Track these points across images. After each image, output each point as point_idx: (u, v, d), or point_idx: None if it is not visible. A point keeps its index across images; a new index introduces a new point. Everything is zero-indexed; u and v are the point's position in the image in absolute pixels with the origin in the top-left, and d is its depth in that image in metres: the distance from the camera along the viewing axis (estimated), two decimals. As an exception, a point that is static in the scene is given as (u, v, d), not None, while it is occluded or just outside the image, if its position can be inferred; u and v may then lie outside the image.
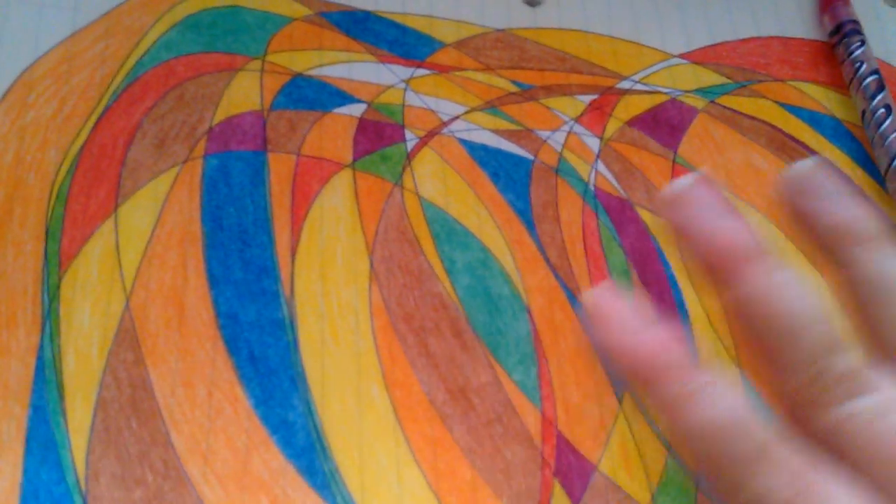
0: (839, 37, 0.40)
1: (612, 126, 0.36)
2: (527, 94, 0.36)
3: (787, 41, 0.40)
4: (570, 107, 0.36)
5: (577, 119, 0.36)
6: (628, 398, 0.30)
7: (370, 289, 0.31)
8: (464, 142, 0.35)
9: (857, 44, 0.39)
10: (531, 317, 0.31)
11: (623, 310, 0.20)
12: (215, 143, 0.33)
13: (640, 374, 0.20)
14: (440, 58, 0.37)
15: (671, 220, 0.22)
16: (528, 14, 0.39)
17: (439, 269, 0.32)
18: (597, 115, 0.36)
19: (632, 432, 0.29)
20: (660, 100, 0.37)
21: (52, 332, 0.28)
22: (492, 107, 0.36)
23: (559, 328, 0.31)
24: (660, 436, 0.29)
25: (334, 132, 0.34)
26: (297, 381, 0.29)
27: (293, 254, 0.31)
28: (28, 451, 0.26)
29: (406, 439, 0.28)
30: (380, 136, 0.34)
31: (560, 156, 0.35)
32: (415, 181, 0.33)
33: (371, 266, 0.31)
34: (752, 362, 0.21)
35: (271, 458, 0.27)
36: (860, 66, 0.38)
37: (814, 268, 0.31)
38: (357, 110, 0.35)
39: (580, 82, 0.37)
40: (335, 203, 0.32)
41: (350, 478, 0.27)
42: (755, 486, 0.19)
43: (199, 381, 0.28)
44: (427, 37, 0.37)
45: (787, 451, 0.19)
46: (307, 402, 0.28)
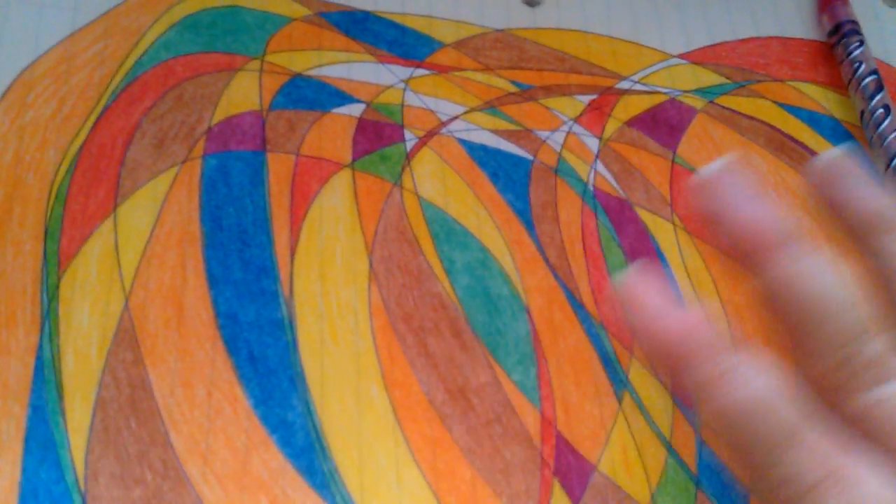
0: (838, 37, 0.40)
1: (612, 126, 0.36)
2: (526, 94, 0.36)
3: (786, 41, 0.40)
4: (569, 107, 0.36)
5: (577, 119, 0.36)
6: (628, 398, 0.30)
7: (369, 289, 0.31)
8: (463, 142, 0.35)
9: (855, 44, 0.39)
10: (530, 317, 0.31)
11: (655, 292, 0.21)
12: (214, 143, 0.33)
13: (673, 355, 0.20)
14: (439, 58, 0.37)
15: (701, 206, 0.22)
16: (527, 14, 0.39)
17: (438, 269, 0.32)
18: (596, 115, 0.36)
19: (631, 432, 0.29)
20: (659, 100, 0.37)
21: (51, 332, 0.28)
22: (491, 107, 0.36)
23: (558, 328, 0.31)
24: (659, 435, 0.29)
25: (333, 132, 0.34)
26: (296, 381, 0.29)
27: (292, 254, 0.31)
28: (27, 451, 0.26)
29: (405, 439, 0.28)
30: (379, 136, 0.34)
31: (559, 156, 0.35)
32: (414, 181, 0.33)
33: (370, 266, 0.31)
34: (779, 347, 0.21)
35: (271, 458, 0.27)
36: (859, 67, 0.38)
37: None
38: (356, 110, 0.35)
39: (579, 82, 0.37)
40: (334, 203, 0.32)
41: (349, 478, 0.27)
42: (784, 468, 0.19)
43: (199, 381, 0.28)
44: (426, 37, 0.37)
45: (817, 434, 0.19)
46: (306, 402, 0.28)
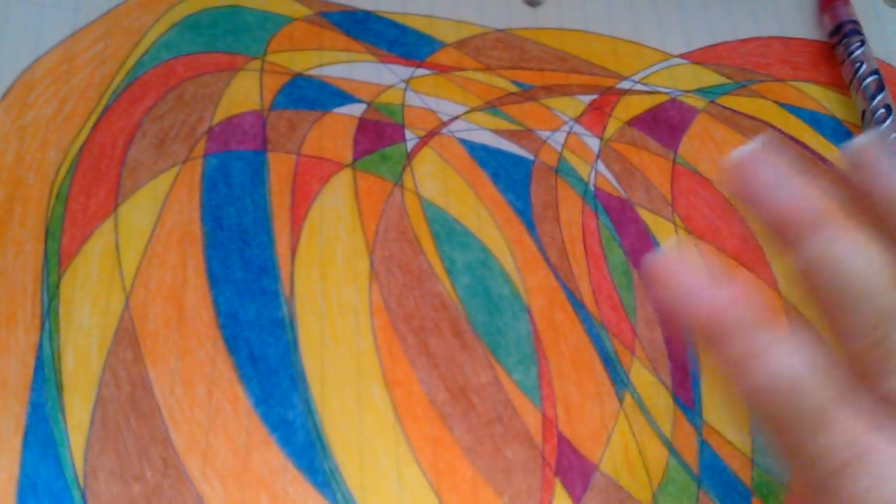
0: (839, 37, 0.39)
1: (612, 126, 0.36)
2: (527, 94, 0.36)
3: (787, 41, 0.40)
4: (570, 107, 0.36)
5: (577, 119, 0.36)
6: (629, 398, 0.30)
7: (370, 288, 0.31)
8: (464, 142, 0.35)
9: (856, 44, 0.39)
10: (531, 317, 0.31)
11: (689, 268, 0.21)
12: (215, 142, 0.33)
13: (707, 332, 0.20)
14: (440, 58, 0.37)
15: (736, 187, 0.22)
16: (528, 14, 0.39)
17: (439, 268, 0.32)
18: (597, 115, 0.36)
19: (633, 432, 0.29)
20: (660, 100, 0.37)
21: (51, 331, 0.28)
22: (492, 107, 0.36)
23: (559, 328, 0.31)
24: (660, 436, 0.29)
25: (334, 132, 0.34)
26: (296, 380, 0.29)
27: (293, 253, 0.31)
28: (26, 447, 0.26)
29: (406, 438, 0.28)
30: (380, 135, 0.34)
31: (560, 156, 0.35)
32: (415, 181, 0.33)
33: (371, 266, 0.31)
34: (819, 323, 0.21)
35: (271, 457, 0.27)
36: (860, 67, 0.38)
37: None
38: (357, 110, 0.35)
39: (580, 82, 0.37)
40: (335, 203, 0.32)
41: (350, 476, 0.27)
42: (815, 446, 0.19)
43: (199, 380, 0.28)
44: (427, 37, 0.37)
45: (849, 413, 0.19)
46: (307, 401, 0.28)
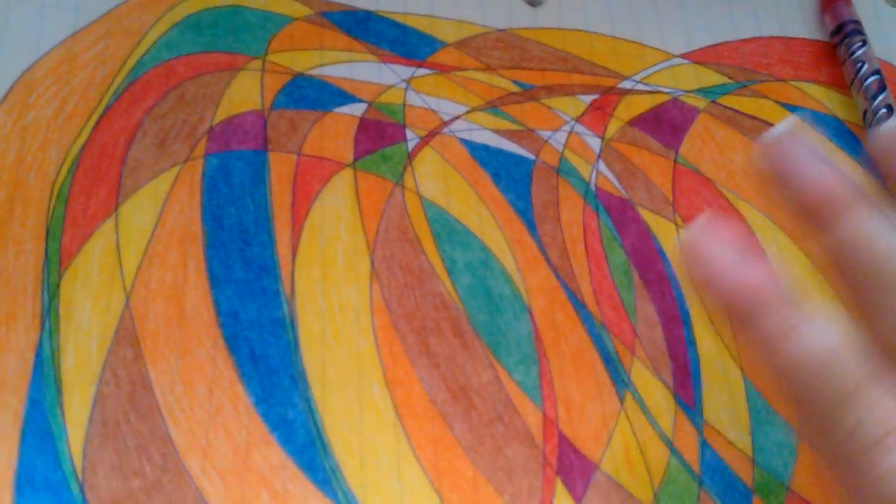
0: (840, 37, 0.39)
1: (614, 126, 0.36)
2: (528, 93, 0.36)
3: (788, 41, 0.40)
4: (571, 107, 0.36)
5: (579, 119, 0.36)
6: (629, 398, 0.30)
7: (371, 288, 0.31)
8: (465, 141, 0.35)
9: (858, 44, 0.39)
10: (532, 317, 0.31)
11: (724, 244, 0.21)
12: (216, 142, 0.33)
13: (741, 308, 0.20)
14: (441, 57, 0.37)
15: (770, 166, 0.22)
16: (529, 14, 0.39)
17: (440, 268, 0.32)
18: (598, 114, 0.36)
19: (633, 432, 0.29)
20: (661, 100, 0.37)
21: (51, 330, 0.28)
22: (493, 107, 0.36)
23: (560, 328, 0.31)
24: (661, 436, 0.29)
25: (335, 132, 0.34)
26: (297, 379, 0.29)
27: (294, 253, 0.31)
28: (24, 442, 0.26)
29: (407, 437, 0.28)
30: (381, 135, 0.34)
31: (561, 156, 0.35)
32: (416, 181, 0.33)
33: (372, 265, 0.31)
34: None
35: (271, 455, 0.27)
36: (861, 67, 0.38)
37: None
38: (358, 110, 0.35)
39: (581, 82, 0.37)
40: (336, 202, 0.32)
41: (351, 475, 0.27)
42: (847, 423, 0.19)
43: (199, 379, 0.28)
44: (428, 36, 0.37)
45: (881, 390, 0.19)
46: (307, 400, 0.28)
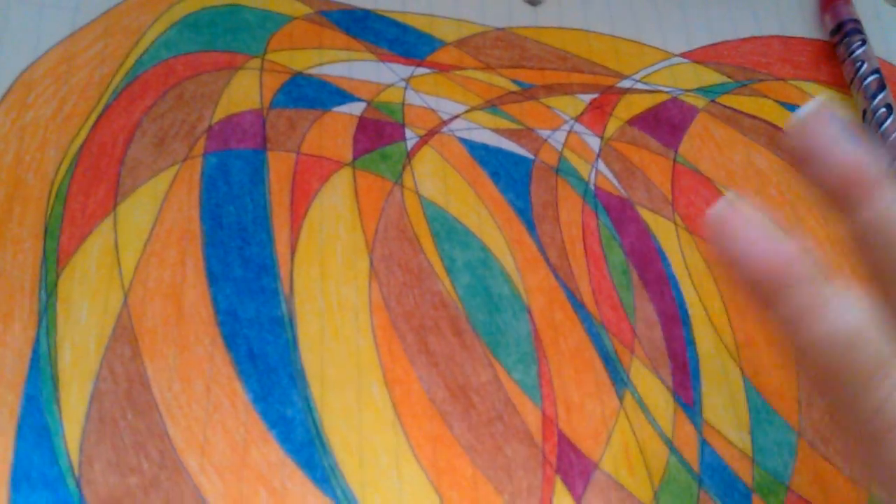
0: (840, 36, 0.39)
1: (613, 125, 0.36)
2: (527, 93, 0.36)
3: (787, 40, 0.40)
4: (570, 106, 0.36)
5: (578, 118, 0.36)
6: (629, 397, 0.30)
7: (370, 287, 0.31)
8: (464, 141, 0.35)
9: (858, 43, 0.39)
10: (531, 316, 0.31)
11: (753, 220, 0.21)
12: (215, 141, 0.33)
13: (768, 284, 0.20)
14: (440, 56, 0.36)
15: (799, 145, 0.22)
16: (528, 13, 0.39)
17: (439, 267, 0.31)
18: (597, 114, 0.36)
19: (633, 431, 0.29)
20: (661, 99, 0.37)
21: (48, 327, 0.28)
22: (492, 106, 0.36)
23: (559, 328, 0.31)
24: (661, 435, 0.29)
25: (334, 131, 0.34)
26: (296, 377, 0.28)
27: (293, 252, 0.31)
28: (20, 437, 0.26)
29: (406, 436, 0.28)
30: (380, 134, 0.34)
31: (560, 155, 0.35)
32: (415, 180, 0.33)
33: (371, 264, 0.31)
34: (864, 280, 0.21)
35: (270, 452, 0.27)
36: (861, 66, 0.38)
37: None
38: (357, 109, 0.34)
39: (581, 81, 0.37)
40: (335, 201, 0.32)
41: (350, 473, 0.27)
42: (873, 400, 0.19)
43: (197, 377, 0.28)
44: (427, 35, 0.37)
45: None
46: (306, 398, 0.28)
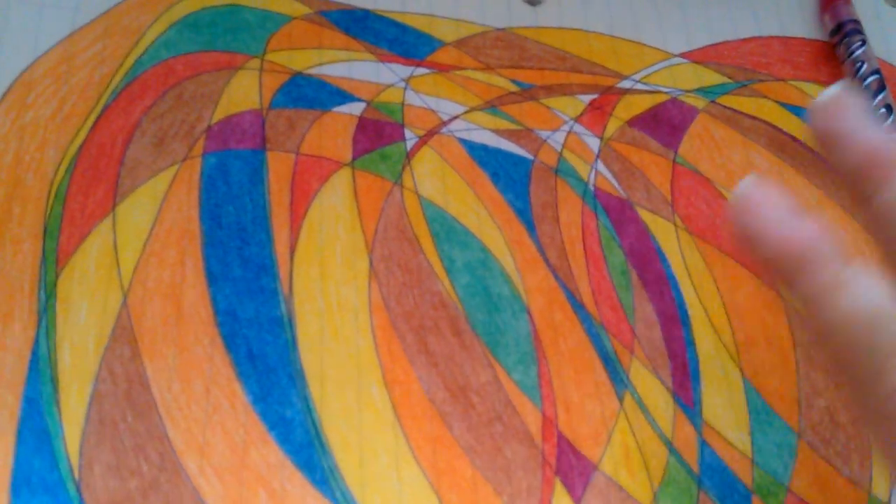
0: (840, 36, 0.39)
1: (613, 126, 0.36)
2: (527, 93, 0.36)
3: (787, 41, 0.40)
4: (570, 106, 0.36)
5: (578, 119, 0.36)
6: (629, 398, 0.30)
7: (369, 287, 0.31)
8: (463, 141, 0.35)
9: (857, 43, 0.39)
10: (531, 317, 0.31)
11: (776, 200, 0.21)
12: (214, 141, 0.33)
13: (790, 262, 0.20)
14: (440, 57, 0.36)
15: (821, 127, 0.22)
16: (528, 13, 0.39)
17: (439, 267, 0.31)
18: (597, 114, 0.36)
19: (633, 432, 0.29)
20: (660, 99, 0.37)
21: (48, 328, 0.28)
22: (492, 106, 0.36)
23: (559, 328, 0.31)
24: (661, 436, 0.29)
25: (334, 131, 0.34)
26: (295, 378, 0.28)
27: (292, 252, 0.31)
28: (20, 441, 0.26)
29: (405, 437, 0.28)
30: (379, 134, 0.34)
31: (560, 156, 0.35)
32: (414, 180, 0.33)
33: (370, 264, 0.31)
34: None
35: (269, 454, 0.27)
36: (861, 66, 0.38)
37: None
38: (357, 109, 0.34)
39: (580, 82, 0.37)
40: (334, 201, 0.32)
41: (349, 474, 0.27)
42: (891, 381, 0.19)
43: (197, 377, 0.28)
44: (427, 36, 0.37)
45: None
46: (306, 399, 0.28)
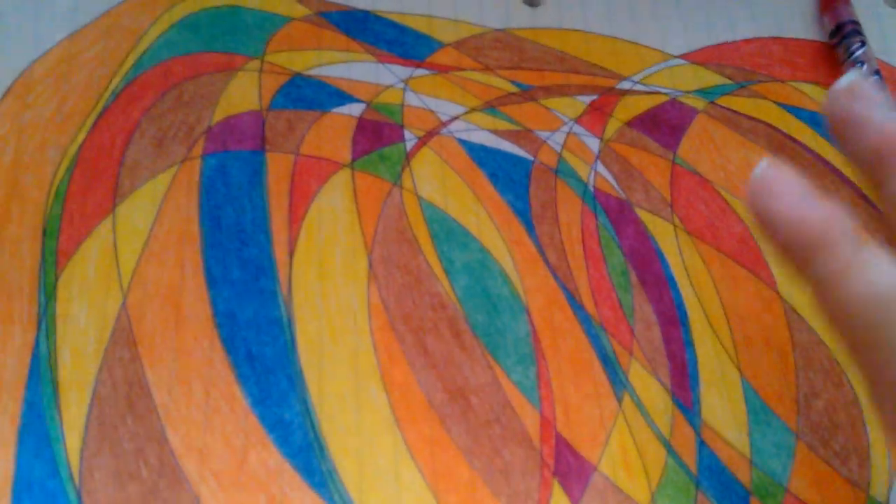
0: (839, 37, 0.39)
1: (612, 127, 0.36)
2: (526, 94, 0.36)
3: (787, 42, 0.40)
4: (569, 107, 0.36)
5: (577, 119, 0.36)
6: (627, 399, 0.30)
7: (368, 288, 0.31)
8: (463, 142, 0.35)
9: (857, 44, 0.39)
10: (530, 317, 0.31)
11: (792, 183, 0.21)
12: (214, 142, 0.33)
13: (806, 244, 0.21)
14: (439, 58, 0.36)
15: (838, 113, 0.22)
16: (527, 14, 0.39)
17: (438, 269, 0.32)
18: (596, 115, 0.36)
19: (631, 433, 0.29)
20: (659, 100, 0.37)
21: (48, 330, 0.28)
22: (491, 107, 0.36)
23: (558, 329, 0.31)
24: (659, 436, 0.29)
25: (333, 132, 0.34)
26: (294, 380, 0.29)
27: (291, 253, 0.31)
28: (21, 446, 0.26)
29: (404, 439, 0.28)
30: (379, 135, 0.34)
31: (559, 156, 0.35)
32: (414, 181, 0.33)
33: (370, 266, 0.31)
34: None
35: (268, 457, 0.27)
36: (861, 67, 0.38)
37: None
38: (356, 110, 0.34)
39: (580, 83, 0.37)
40: (334, 203, 0.32)
41: (348, 477, 0.27)
42: None
43: (196, 380, 0.28)
44: (426, 37, 0.37)
45: None
46: (305, 401, 0.28)
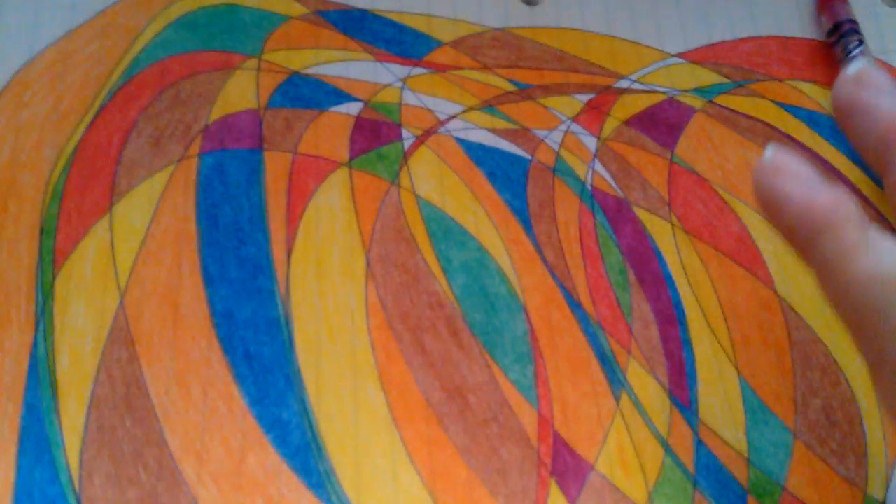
0: (837, 36, 0.39)
1: (610, 125, 0.36)
2: (524, 93, 0.36)
3: (785, 40, 0.40)
4: (567, 106, 0.36)
5: (575, 118, 0.36)
6: (625, 397, 0.30)
7: (366, 287, 0.31)
8: (461, 141, 0.35)
9: (855, 43, 0.39)
10: (528, 316, 0.31)
11: (799, 166, 0.22)
12: (211, 141, 0.33)
13: (812, 225, 0.21)
14: (437, 57, 0.36)
15: (844, 99, 0.23)
16: (525, 13, 0.39)
17: (436, 267, 0.32)
18: (594, 114, 0.36)
19: (629, 432, 0.29)
20: (657, 99, 0.37)
21: (45, 330, 0.28)
22: (489, 106, 0.36)
23: (556, 327, 0.31)
24: (657, 435, 0.29)
25: (331, 131, 0.34)
26: (292, 379, 0.29)
27: (289, 252, 0.31)
28: (21, 451, 0.26)
29: (401, 438, 0.28)
30: (377, 134, 0.34)
31: (557, 155, 0.35)
32: (411, 180, 0.33)
33: (367, 264, 0.31)
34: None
35: (266, 458, 0.27)
36: (858, 66, 0.38)
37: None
38: (354, 109, 0.34)
39: (578, 81, 0.37)
40: (331, 201, 0.32)
41: (345, 477, 0.27)
42: None
43: (194, 380, 0.28)
44: (424, 35, 0.37)
45: None
46: (302, 401, 0.28)
